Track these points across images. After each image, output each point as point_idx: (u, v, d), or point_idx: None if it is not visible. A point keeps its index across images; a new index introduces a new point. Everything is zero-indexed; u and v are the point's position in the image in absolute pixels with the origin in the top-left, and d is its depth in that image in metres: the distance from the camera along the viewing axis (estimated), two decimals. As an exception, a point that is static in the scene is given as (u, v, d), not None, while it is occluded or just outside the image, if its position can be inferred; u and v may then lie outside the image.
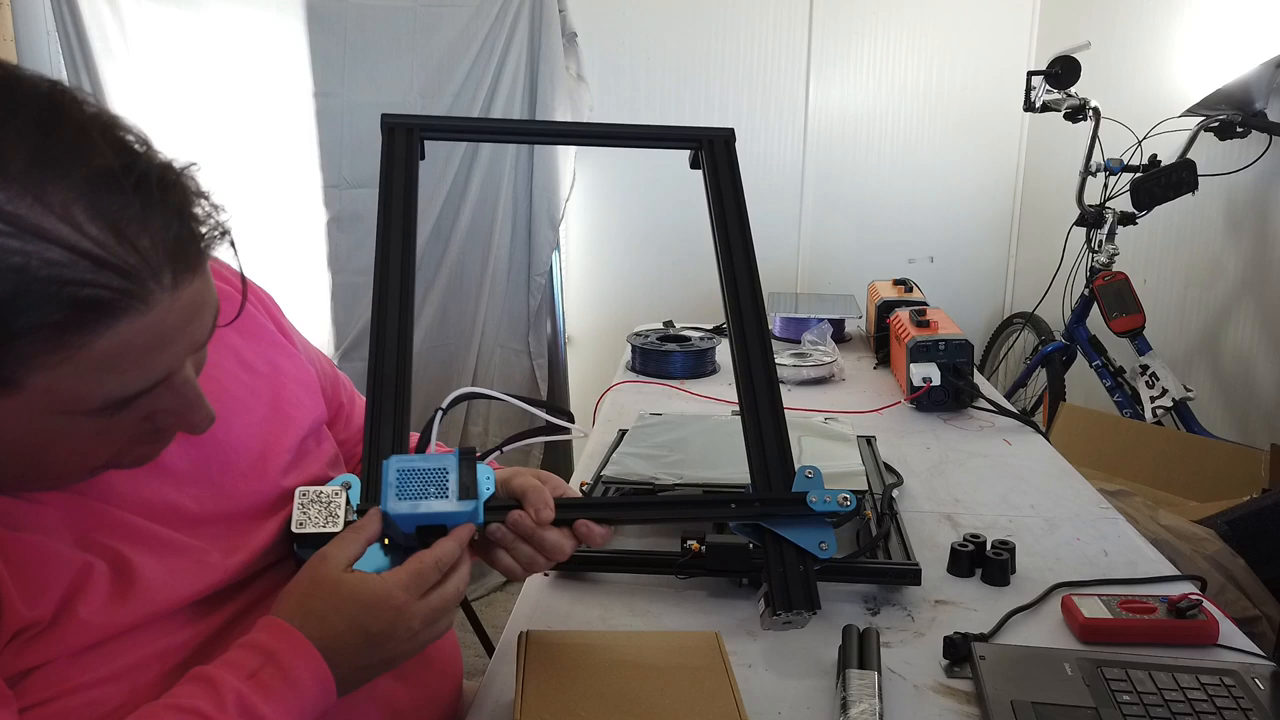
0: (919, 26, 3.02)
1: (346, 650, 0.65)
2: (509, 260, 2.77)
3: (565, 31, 2.66)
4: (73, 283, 0.51)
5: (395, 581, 0.67)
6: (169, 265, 0.55)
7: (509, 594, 2.79)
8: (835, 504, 0.80)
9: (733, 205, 0.91)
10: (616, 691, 0.75)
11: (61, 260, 0.51)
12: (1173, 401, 2.11)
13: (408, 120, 0.93)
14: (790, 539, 0.80)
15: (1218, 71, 2.11)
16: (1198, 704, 0.78)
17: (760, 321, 0.89)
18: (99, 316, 0.53)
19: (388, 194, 0.90)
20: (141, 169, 0.55)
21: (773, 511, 0.81)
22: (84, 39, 2.39)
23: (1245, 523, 1.54)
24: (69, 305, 0.52)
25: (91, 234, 0.52)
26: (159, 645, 0.64)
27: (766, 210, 3.14)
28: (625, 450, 1.30)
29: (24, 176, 0.50)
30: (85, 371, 0.54)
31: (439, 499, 0.71)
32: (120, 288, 0.53)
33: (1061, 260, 2.51)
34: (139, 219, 0.54)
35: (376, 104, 2.59)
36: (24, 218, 0.50)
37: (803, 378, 1.84)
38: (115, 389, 0.57)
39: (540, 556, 0.78)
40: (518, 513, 0.77)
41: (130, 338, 0.55)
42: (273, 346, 0.85)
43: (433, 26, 2.59)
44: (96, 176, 0.53)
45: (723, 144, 0.95)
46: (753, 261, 0.90)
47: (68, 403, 0.55)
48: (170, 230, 0.55)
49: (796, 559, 0.79)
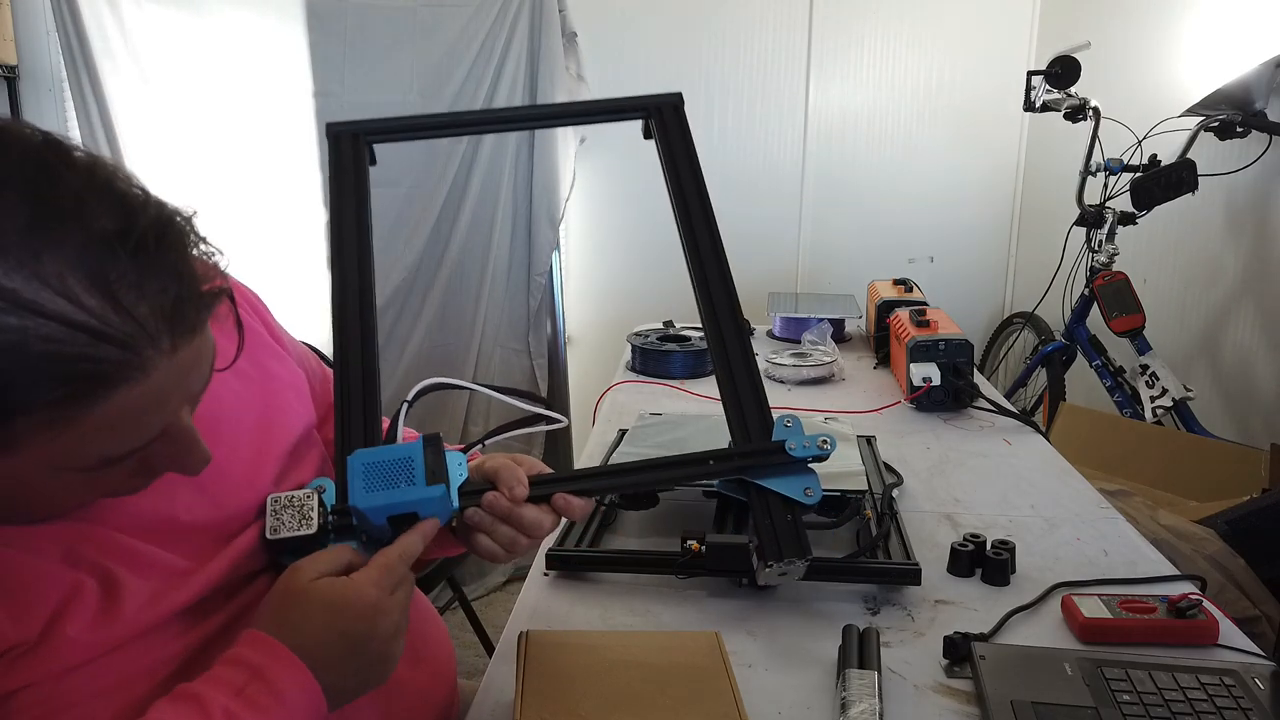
0: (919, 26, 3.02)
1: (330, 658, 0.64)
2: (509, 260, 2.77)
3: (565, 31, 2.66)
4: (70, 358, 0.51)
5: (365, 579, 0.66)
6: (168, 331, 0.55)
7: (509, 594, 2.79)
8: (815, 448, 0.80)
9: (688, 170, 0.89)
10: (616, 691, 0.75)
11: (59, 336, 0.50)
12: (1173, 401, 2.11)
13: (352, 126, 0.91)
14: (774, 489, 0.79)
15: (1218, 71, 2.11)
16: (1198, 704, 0.78)
17: (725, 279, 0.87)
18: (96, 388, 0.52)
19: (338, 202, 0.87)
20: (139, 230, 0.53)
21: (752, 463, 0.80)
22: (84, 39, 2.39)
23: (1245, 523, 1.54)
24: (66, 380, 0.51)
25: (89, 305, 0.51)
26: (148, 660, 0.63)
27: (766, 210, 3.14)
28: (625, 450, 1.30)
29: (18, 248, 0.49)
30: (82, 436, 0.54)
31: (406, 486, 0.71)
32: (118, 359, 0.52)
33: (1061, 260, 2.51)
34: (136, 285, 0.53)
35: (376, 104, 2.59)
36: (19, 293, 0.49)
37: (803, 378, 1.84)
38: (111, 448, 0.57)
39: (521, 536, 0.77)
40: (492, 494, 0.76)
41: (128, 404, 0.54)
42: (263, 350, 0.84)
43: (433, 26, 2.59)
44: (92, 243, 0.51)
45: (671, 110, 0.93)
46: (713, 224, 0.89)
47: (63, 461, 0.55)
48: (169, 294, 0.54)
49: (783, 508, 0.79)
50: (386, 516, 0.71)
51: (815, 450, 0.80)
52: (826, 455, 0.80)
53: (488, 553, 0.78)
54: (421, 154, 2.64)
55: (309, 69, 2.56)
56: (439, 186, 2.63)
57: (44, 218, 0.51)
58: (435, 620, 0.94)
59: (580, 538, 1.12)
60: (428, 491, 0.71)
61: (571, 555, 1.07)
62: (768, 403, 0.84)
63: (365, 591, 0.66)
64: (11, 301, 0.49)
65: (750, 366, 0.85)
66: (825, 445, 0.80)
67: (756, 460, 0.80)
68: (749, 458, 0.81)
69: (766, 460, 0.80)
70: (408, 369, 2.70)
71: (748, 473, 0.80)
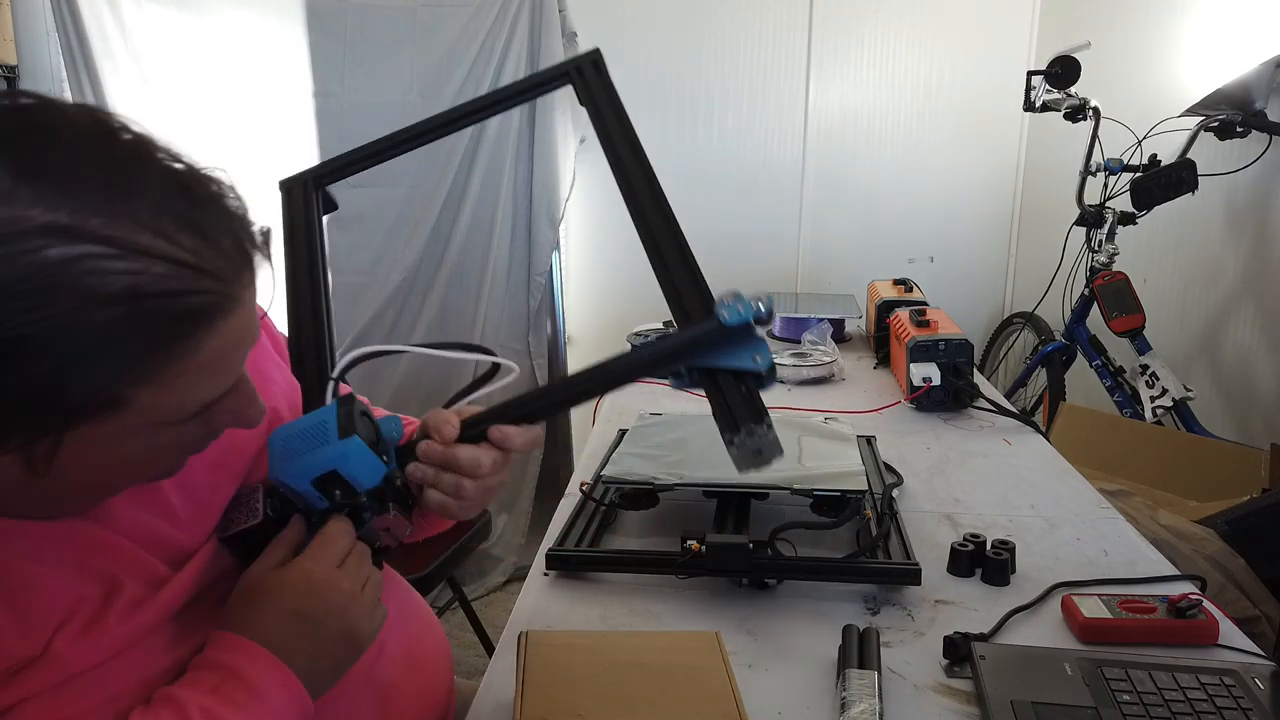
0: (919, 26, 3.02)
1: (290, 642, 0.64)
2: (509, 260, 2.77)
3: (565, 31, 2.66)
4: (181, 293, 0.53)
5: (305, 557, 0.67)
6: (246, 263, 0.58)
7: (509, 594, 2.79)
8: (750, 310, 0.71)
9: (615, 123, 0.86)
10: (616, 691, 0.75)
11: (167, 273, 0.52)
12: (1173, 401, 2.11)
13: (302, 176, 0.92)
14: (721, 365, 0.73)
15: (1218, 71, 2.10)
16: (1198, 704, 0.78)
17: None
18: (203, 323, 0.55)
19: (292, 253, 0.87)
20: (202, 174, 0.57)
21: (689, 345, 0.74)
22: (84, 39, 2.39)
23: (1245, 523, 1.54)
24: (180, 317, 0.53)
25: (186, 244, 0.54)
26: (139, 674, 0.63)
27: (766, 210, 3.14)
28: (625, 450, 1.30)
29: (110, 200, 0.52)
30: (189, 380, 0.56)
31: (321, 446, 0.69)
32: (218, 291, 0.55)
33: (1061, 260, 2.51)
34: (216, 223, 0.56)
35: (376, 104, 2.59)
36: (125, 238, 0.51)
37: (803, 378, 1.84)
38: (208, 393, 0.59)
39: (463, 479, 0.74)
40: (425, 441, 0.75)
41: (225, 339, 0.57)
42: (262, 356, 0.84)
43: (433, 26, 2.59)
44: (171, 188, 0.55)
45: (591, 67, 0.90)
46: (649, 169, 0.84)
47: (165, 414, 0.57)
48: (239, 230, 0.58)
49: (735, 383, 0.73)
50: (311, 483, 0.69)
51: (750, 313, 0.71)
52: (765, 315, 0.72)
53: (439, 506, 0.75)
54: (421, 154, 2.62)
55: (309, 69, 2.56)
56: (439, 186, 2.63)
57: (124, 174, 0.53)
58: (431, 621, 0.94)
59: (580, 538, 1.12)
60: (341, 445, 0.69)
61: (571, 555, 1.07)
62: (705, 282, 0.77)
63: (307, 569, 0.66)
64: (120, 248, 0.51)
65: (682, 248, 0.78)
66: (760, 304, 0.71)
67: (693, 342, 0.73)
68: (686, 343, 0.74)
69: (703, 339, 0.73)
70: (407, 369, 2.70)
71: (692, 358, 0.74)
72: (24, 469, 0.54)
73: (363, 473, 0.70)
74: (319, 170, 0.92)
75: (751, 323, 0.72)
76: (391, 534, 0.75)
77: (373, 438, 0.72)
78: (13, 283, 0.48)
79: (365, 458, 0.70)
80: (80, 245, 0.50)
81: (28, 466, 0.54)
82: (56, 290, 0.49)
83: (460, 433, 0.75)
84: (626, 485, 1.18)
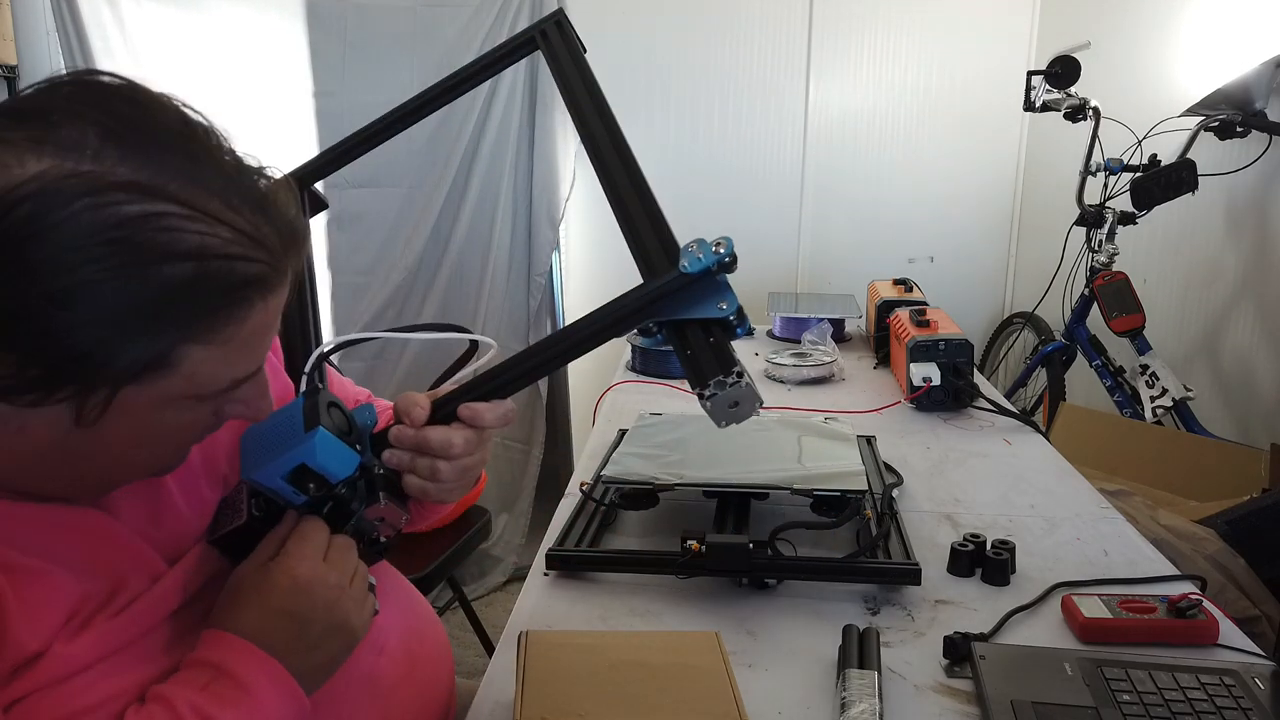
0: (919, 26, 3.02)
1: (279, 639, 0.64)
2: (509, 260, 2.77)
3: (565, 31, 2.66)
4: (243, 259, 0.57)
5: (289, 554, 0.67)
6: (292, 244, 0.61)
7: (509, 594, 2.79)
8: (711, 256, 0.68)
9: (578, 79, 0.85)
10: (616, 691, 0.75)
11: (232, 239, 0.56)
12: (1173, 401, 2.11)
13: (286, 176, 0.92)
14: (688, 316, 0.70)
15: (1218, 71, 2.10)
16: (1198, 704, 0.78)
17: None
18: (257, 292, 0.59)
19: None
20: (259, 165, 0.61)
21: (655, 298, 0.70)
22: (84, 39, 2.39)
23: (1245, 523, 1.54)
24: (238, 283, 0.57)
25: (249, 217, 0.58)
26: (137, 675, 0.63)
27: (766, 210, 3.14)
28: (625, 450, 1.30)
29: (186, 168, 0.56)
30: (233, 350, 0.59)
31: (288, 440, 0.69)
32: (272, 264, 0.59)
33: (1061, 260, 2.51)
34: (271, 203, 0.60)
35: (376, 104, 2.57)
36: (198, 203, 0.55)
37: (803, 378, 1.84)
38: (243, 368, 0.62)
39: (438, 461, 0.73)
40: (397, 426, 0.74)
41: (268, 315, 0.61)
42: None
43: (433, 26, 2.59)
44: (234, 167, 0.59)
45: (554, 27, 0.89)
46: (616, 131, 0.83)
47: (199, 386, 0.59)
48: (287, 213, 0.62)
49: (703, 334, 0.71)
50: (284, 478, 0.68)
51: (710, 259, 0.68)
52: (726, 259, 0.68)
53: (418, 491, 0.75)
54: (421, 154, 2.63)
55: (309, 68, 2.56)
56: (439, 186, 2.64)
57: (198, 146, 0.58)
58: (432, 620, 0.94)
59: (580, 538, 1.12)
60: (307, 439, 0.68)
61: (571, 555, 1.07)
62: (670, 232, 0.74)
63: (290, 567, 0.66)
64: (195, 209, 0.55)
65: (646, 201, 0.76)
66: (720, 249, 0.68)
67: (655, 294, 0.70)
68: (649, 296, 0.71)
69: (665, 289, 0.70)
70: (408, 369, 2.70)
71: (659, 312, 0.70)
72: (72, 422, 0.56)
73: (333, 464, 0.69)
74: (303, 169, 0.91)
75: (713, 268, 0.69)
76: (388, 524, 0.74)
77: (344, 428, 0.71)
78: (96, 231, 0.52)
79: (334, 449, 0.69)
80: (159, 204, 0.54)
81: (76, 419, 0.56)
82: (134, 242, 0.53)
83: (430, 414, 0.74)
84: (626, 485, 1.18)
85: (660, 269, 0.71)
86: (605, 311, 0.73)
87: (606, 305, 0.73)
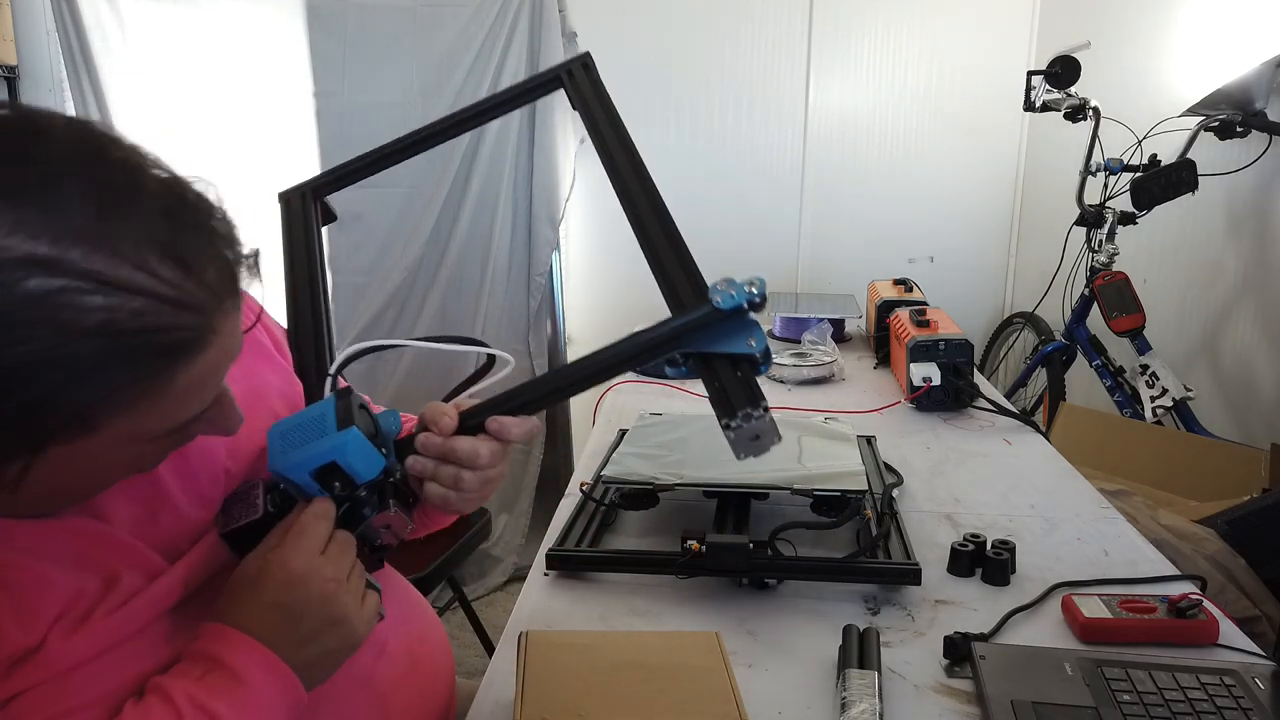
0: (919, 26, 3.02)
1: (275, 633, 0.64)
2: (509, 260, 2.77)
3: (565, 31, 2.66)
4: (159, 329, 0.53)
5: (285, 547, 0.66)
6: (230, 292, 0.58)
7: (509, 594, 2.79)
8: (744, 294, 0.71)
9: (605, 120, 0.87)
10: (616, 691, 0.75)
11: (146, 309, 0.52)
12: (1173, 401, 2.11)
13: (300, 187, 0.93)
14: (717, 350, 0.73)
15: (1218, 71, 2.10)
16: (1198, 704, 0.78)
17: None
18: (180, 357, 0.55)
19: (291, 263, 0.88)
20: (191, 200, 0.56)
21: (683, 330, 0.73)
22: (84, 39, 2.39)
23: (1245, 523, 1.54)
24: (156, 353, 0.53)
25: (167, 277, 0.53)
26: (137, 668, 0.63)
27: (766, 210, 3.14)
28: (625, 450, 1.30)
29: (93, 231, 0.51)
30: (163, 407, 0.56)
31: (320, 439, 0.69)
32: (198, 325, 0.55)
33: (1061, 260, 2.51)
34: (201, 252, 0.55)
35: (376, 104, 2.59)
36: (104, 273, 0.50)
37: (803, 378, 1.84)
38: (183, 415, 0.59)
39: (463, 471, 0.74)
40: (424, 434, 0.74)
41: (202, 369, 0.57)
42: (259, 359, 0.83)
43: (433, 26, 2.59)
44: (156, 216, 0.53)
45: (581, 68, 0.91)
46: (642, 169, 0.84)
47: (138, 436, 0.57)
48: (225, 257, 0.57)
49: (731, 368, 0.73)
50: (310, 474, 0.69)
51: (744, 297, 0.71)
52: (758, 299, 0.72)
53: (440, 499, 0.75)
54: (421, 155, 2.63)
55: (309, 69, 2.56)
56: (439, 186, 2.63)
57: (109, 199, 0.52)
58: (433, 621, 0.94)
59: (580, 538, 1.12)
60: (339, 437, 0.69)
61: (571, 555, 1.07)
62: (697, 268, 0.77)
63: (285, 559, 0.65)
64: (97, 281, 0.50)
65: (673, 237, 0.79)
66: (753, 288, 0.71)
67: (687, 327, 0.73)
68: (681, 328, 0.74)
69: (697, 323, 0.73)
70: (408, 369, 2.70)
71: (687, 344, 0.73)
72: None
73: (361, 464, 0.70)
74: (316, 181, 0.92)
75: (745, 306, 0.72)
76: (392, 531, 0.75)
77: (371, 431, 0.72)
78: None
79: (364, 449, 0.70)
80: (59, 279, 0.49)
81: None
82: (34, 323, 0.49)
83: (458, 424, 0.75)
84: (626, 485, 1.18)
85: (689, 304, 0.75)
86: (636, 339, 0.76)
87: (637, 333, 0.76)
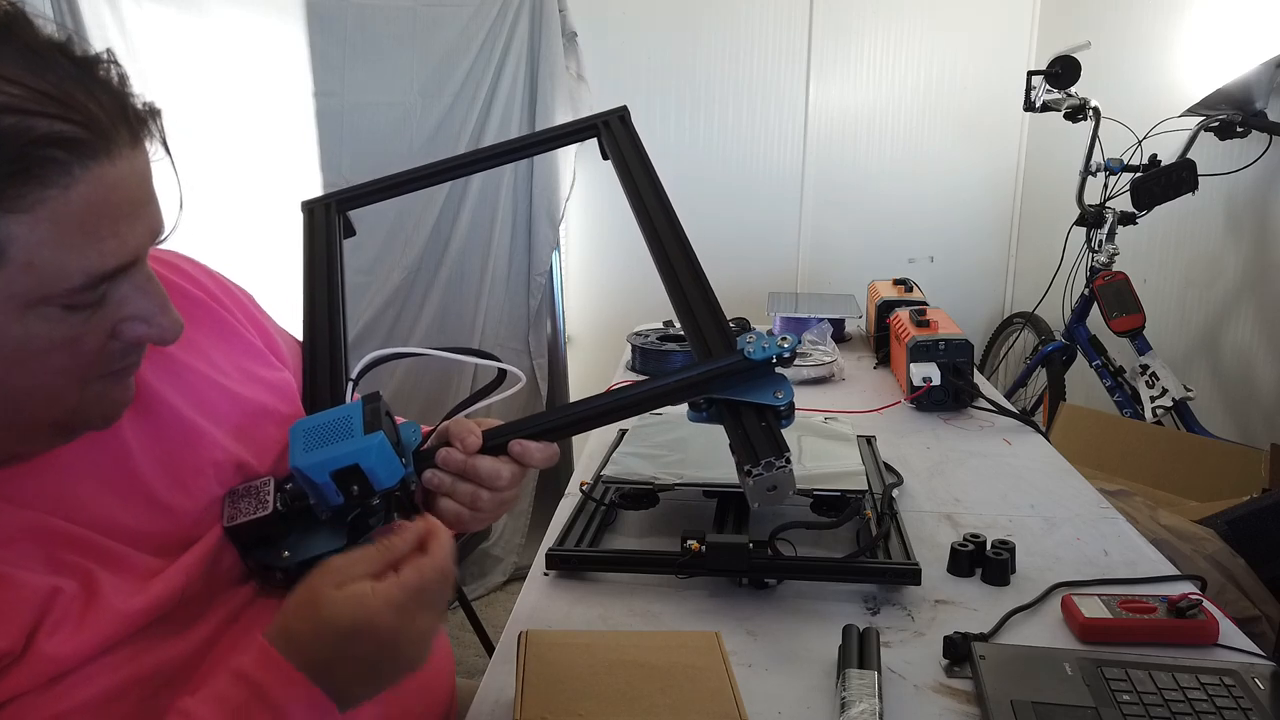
0: (919, 26, 3.02)
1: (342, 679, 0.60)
2: (509, 260, 2.77)
3: (565, 31, 2.66)
4: (40, 114, 0.52)
5: (386, 601, 0.59)
6: (124, 124, 0.57)
7: (509, 594, 2.79)
8: (775, 348, 0.76)
9: (643, 175, 0.90)
10: (616, 691, 0.75)
11: (26, 95, 0.52)
12: (1173, 401, 2.11)
13: (325, 198, 0.95)
14: (743, 399, 0.76)
15: (1218, 71, 2.11)
16: (1198, 704, 0.78)
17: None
18: (69, 154, 0.53)
19: (311, 268, 0.90)
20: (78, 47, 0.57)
21: (713, 376, 0.77)
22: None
23: (1245, 523, 1.54)
24: (40, 139, 0.52)
25: (51, 80, 0.53)
26: (136, 670, 0.61)
27: (766, 210, 3.15)
28: (625, 450, 1.30)
29: None
30: (64, 232, 0.54)
31: (345, 440, 0.69)
32: (87, 125, 0.54)
33: (1061, 260, 2.51)
34: (85, 82, 0.55)
35: (376, 104, 2.60)
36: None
37: (803, 378, 1.84)
38: (93, 260, 0.56)
39: (481, 490, 0.74)
40: (445, 449, 0.74)
41: (103, 192, 0.55)
42: (250, 355, 0.82)
43: (433, 26, 2.59)
44: (38, 49, 0.54)
45: (619, 122, 0.94)
46: (674, 220, 0.88)
47: (48, 281, 0.54)
48: (117, 95, 0.57)
49: (756, 417, 0.76)
50: (330, 474, 0.68)
51: (774, 350, 0.75)
52: (788, 354, 0.76)
53: (453, 516, 0.75)
54: (422, 153, 2.64)
55: (309, 69, 2.56)
56: (439, 186, 2.63)
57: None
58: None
59: (580, 538, 1.12)
60: (365, 441, 0.68)
61: (571, 555, 1.07)
62: (726, 319, 0.81)
63: (385, 618, 0.59)
64: None
65: (703, 284, 0.82)
66: (785, 343, 0.76)
67: (718, 373, 0.76)
68: (711, 373, 0.77)
69: (727, 371, 0.76)
70: (408, 369, 2.70)
71: (713, 390, 0.76)
72: None
73: (384, 471, 0.70)
74: (341, 195, 0.94)
75: (774, 359, 0.76)
76: None
77: (394, 439, 0.72)
78: None
79: (388, 456, 0.70)
80: None
81: None
82: None
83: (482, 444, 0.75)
84: (626, 485, 1.18)
85: (716, 352, 0.78)
86: (666, 380, 0.78)
87: (667, 374, 0.79)
